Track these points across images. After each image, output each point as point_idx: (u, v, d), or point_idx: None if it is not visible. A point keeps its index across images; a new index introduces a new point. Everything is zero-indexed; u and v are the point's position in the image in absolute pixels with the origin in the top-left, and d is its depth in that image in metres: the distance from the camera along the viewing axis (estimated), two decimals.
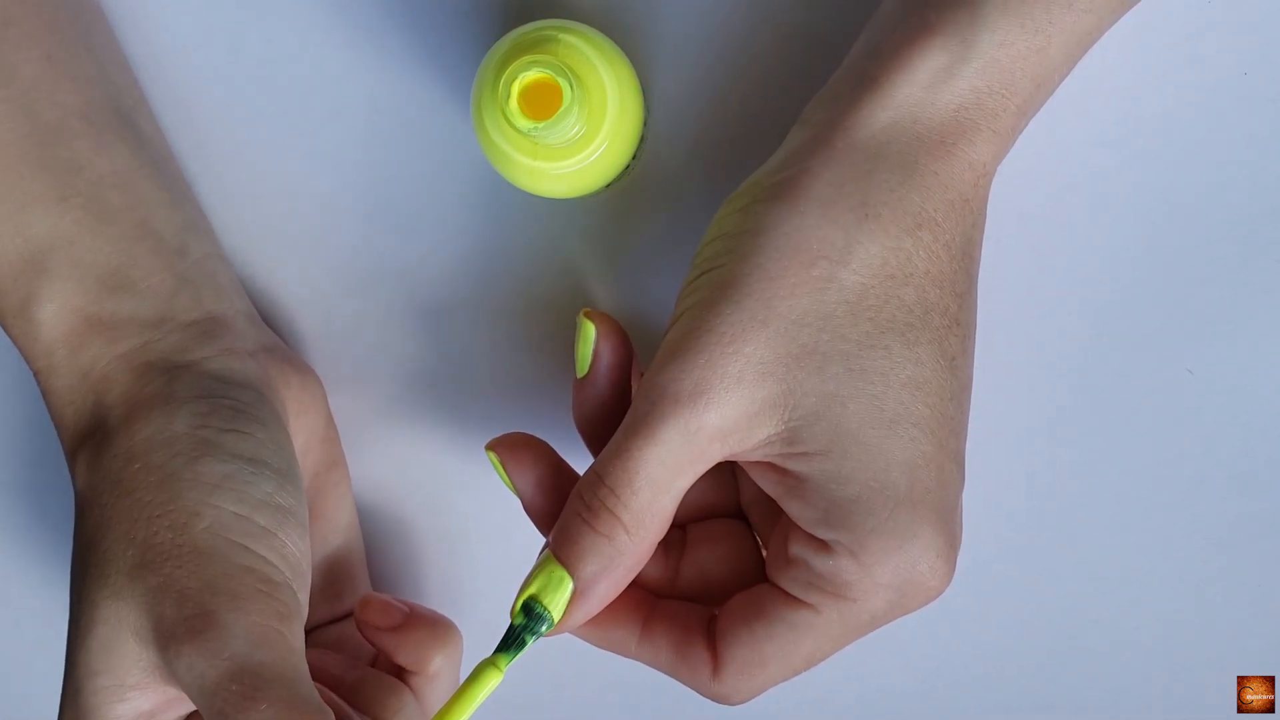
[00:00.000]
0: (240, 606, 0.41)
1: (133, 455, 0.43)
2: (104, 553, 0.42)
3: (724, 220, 0.43)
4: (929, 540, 0.41)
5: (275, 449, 0.44)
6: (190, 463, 0.43)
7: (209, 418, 0.44)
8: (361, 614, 0.48)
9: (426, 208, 0.51)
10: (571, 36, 0.44)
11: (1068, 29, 0.41)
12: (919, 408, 0.41)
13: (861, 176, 0.41)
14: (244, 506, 0.42)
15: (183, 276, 0.47)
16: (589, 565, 0.41)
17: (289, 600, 0.42)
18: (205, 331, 0.46)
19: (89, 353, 0.45)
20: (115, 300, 0.45)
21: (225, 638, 0.40)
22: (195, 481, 0.42)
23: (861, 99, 0.41)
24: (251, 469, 0.43)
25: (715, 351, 0.40)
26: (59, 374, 0.45)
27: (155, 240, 0.46)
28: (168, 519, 0.42)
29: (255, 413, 0.45)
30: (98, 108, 0.46)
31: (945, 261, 0.41)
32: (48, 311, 0.45)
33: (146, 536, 0.42)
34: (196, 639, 0.40)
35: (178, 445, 0.43)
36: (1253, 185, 0.49)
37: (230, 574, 0.41)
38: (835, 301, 0.40)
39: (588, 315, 0.45)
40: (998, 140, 0.41)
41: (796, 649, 0.42)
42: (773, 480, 0.42)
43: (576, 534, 0.42)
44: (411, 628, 0.47)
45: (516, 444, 0.45)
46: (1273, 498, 0.51)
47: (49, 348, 0.45)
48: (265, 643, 0.40)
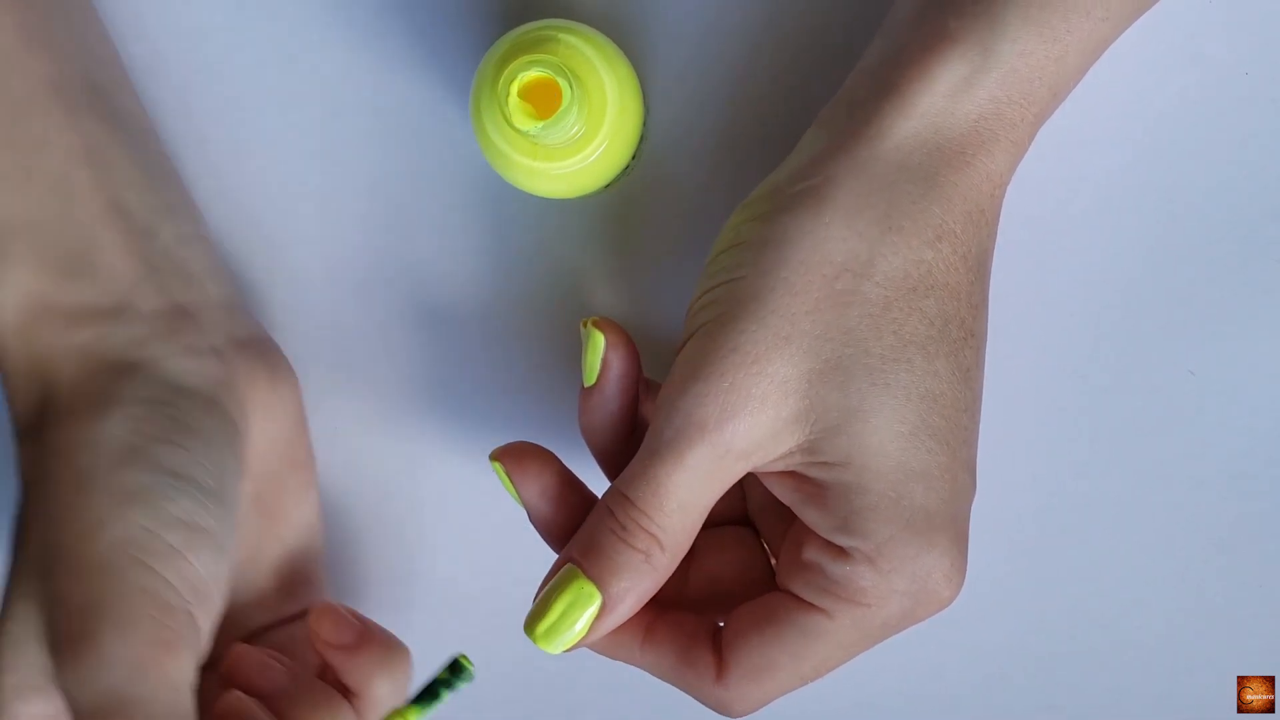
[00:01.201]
0: (123, 631, 0.39)
1: (60, 452, 0.42)
2: (25, 549, 0.42)
3: (740, 228, 0.42)
4: (944, 549, 0.41)
5: (207, 466, 0.43)
6: (111, 469, 0.41)
7: (143, 423, 0.43)
8: (314, 624, 0.46)
9: (426, 208, 0.51)
10: (571, 36, 0.44)
11: (1085, 37, 0.41)
12: (936, 419, 0.41)
13: (885, 188, 0.41)
14: (155, 522, 0.41)
15: (149, 262, 0.45)
16: (622, 582, 0.41)
17: (182, 628, 0.40)
18: (166, 325, 0.45)
19: (42, 342, 0.44)
20: (74, 287, 0.44)
21: (102, 663, 0.39)
22: (110, 489, 0.41)
23: (883, 107, 0.41)
24: (173, 483, 0.42)
25: (740, 373, 0.40)
26: (11, 359, 0.44)
27: (124, 222, 0.45)
28: (77, 525, 0.41)
29: (196, 424, 0.44)
30: (73, 81, 0.45)
31: (963, 273, 0.41)
32: (5, 295, 0.44)
33: (55, 540, 0.41)
34: (75, 659, 0.39)
35: (103, 449, 0.42)
36: (1253, 185, 0.49)
37: (123, 594, 0.40)
38: (859, 315, 0.40)
39: (596, 324, 0.44)
40: (1015, 150, 0.42)
41: (806, 654, 0.42)
42: (790, 488, 0.42)
43: (611, 550, 0.41)
44: (361, 649, 0.46)
45: (523, 454, 0.44)
46: (1273, 498, 0.51)
47: (2, 332, 0.44)
48: (144, 673, 0.39)
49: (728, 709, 0.43)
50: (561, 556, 0.43)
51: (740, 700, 0.43)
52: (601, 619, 0.42)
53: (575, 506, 0.44)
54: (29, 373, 0.44)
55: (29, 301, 0.44)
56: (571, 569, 0.42)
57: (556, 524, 0.44)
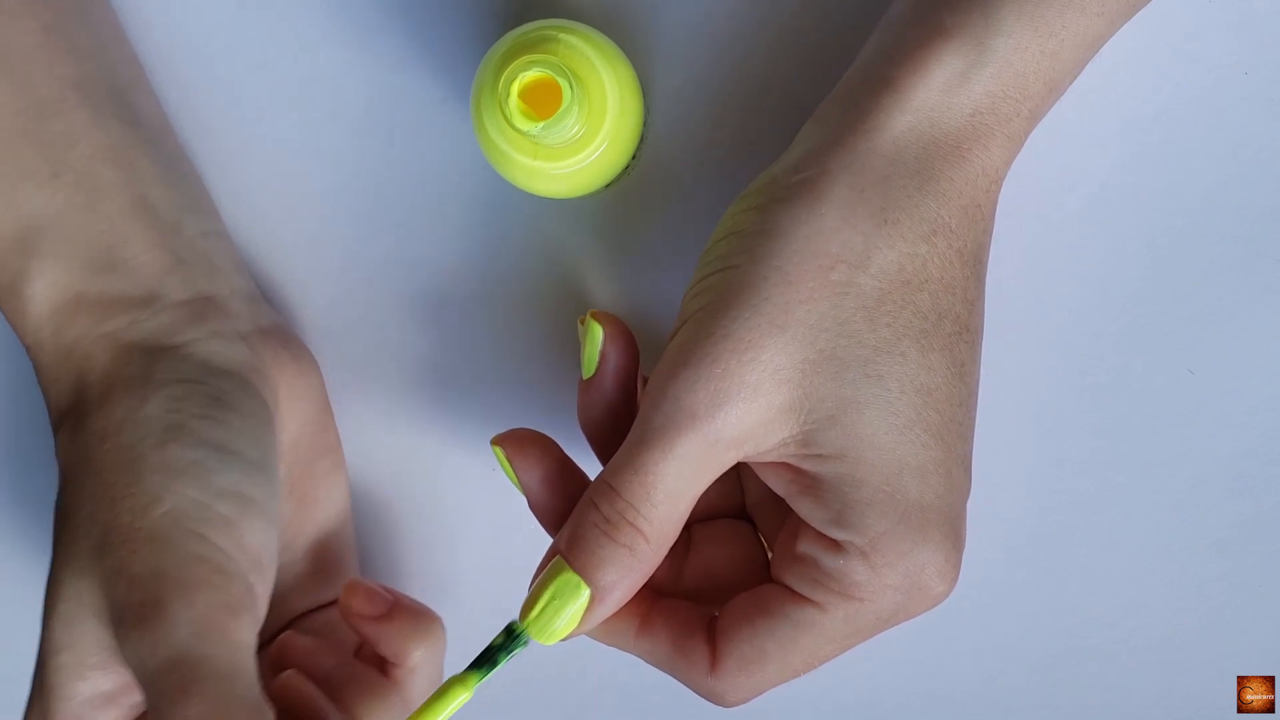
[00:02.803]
0: (188, 596, 0.40)
1: (104, 434, 0.43)
2: (73, 530, 0.42)
3: (737, 217, 0.42)
4: (938, 545, 0.41)
5: (249, 439, 0.44)
6: (158, 446, 0.42)
7: (184, 402, 0.43)
8: (346, 599, 0.47)
9: (426, 207, 0.51)
10: (571, 36, 0.44)
11: (1079, 32, 0.41)
12: (930, 414, 0.41)
13: (880, 182, 0.41)
14: (206, 494, 0.42)
15: (176, 255, 0.46)
16: (608, 574, 0.41)
17: (240, 593, 0.41)
18: (195, 313, 0.46)
19: (74, 330, 0.45)
20: (104, 279, 0.45)
21: (169, 627, 0.39)
22: (160, 465, 0.42)
23: (879, 101, 0.41)
24: (219, 456, 0.43)
25: (731, 360, 0.40)
26: (45, 350, 0.45)
27: (149, 216, 0.46)
28: (129, 501, 0.42)
29: (233, 401, 0.44)
30: (95, 81, 0.46)
31: (958, 268, 0.41)
32: (36, 289, 0.45)
33: (109, 518, 0.42)
34: (141, 625, 0.40)
35: (148, 427, 0.43)
36: (1253, 185, 0.49)
37: (182, 562, 0.41)
38: (853, 307, 0.40)
39: (595, 317, 0.44)
40: (1010, 145, 0.42)
41: (797, 646, 0.42)
42: (785, 480, 0.42)
43: (594, 544, 0.41)
44: (395, 618, 0.47)
45: (523, 440, 0.44)
46: (1273, 498, 0.51)
47: (37, 324, 0.45)
48: (209, 635, 0.40)
49: (720, 699, 0.43)
50: (551, 548, 0.43)
51: (732, 691, 0.43)
52: (591, 611, 0.42)
53: (574, 493, 0.44)
54: (63, 363, 0.45)
55: (60, 294, 0.45)
56: (559, 562, 0.42)
57: (555, 510, 0.44)
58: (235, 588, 0.41)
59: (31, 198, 0.44)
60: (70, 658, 0.41)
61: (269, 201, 0.51)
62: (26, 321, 0.45)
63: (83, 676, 0.41)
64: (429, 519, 0.53)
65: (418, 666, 0.47)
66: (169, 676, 0.39)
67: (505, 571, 0.52)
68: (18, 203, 0.44)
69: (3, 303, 0.45)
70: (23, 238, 0.44)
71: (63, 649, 0.41)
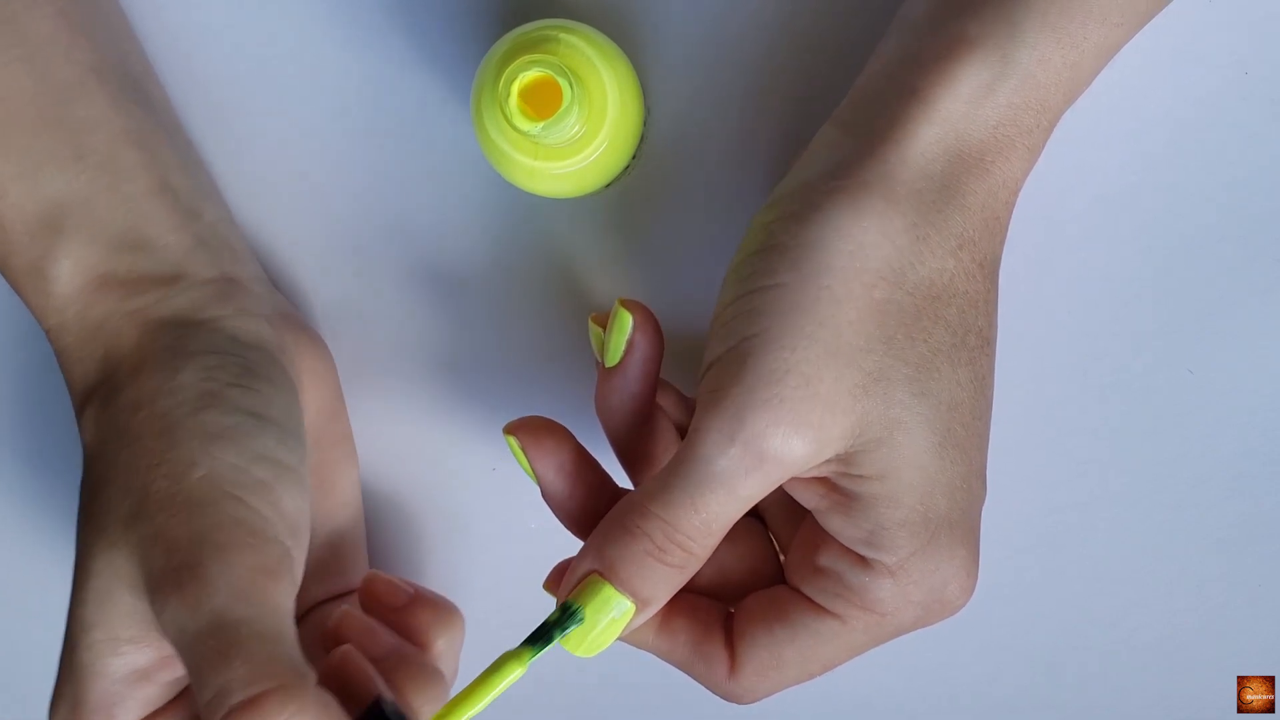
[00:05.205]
0: (226, 559, 0.39)
1: (138, 404, 0.43)
2: (104, 503, 0.42)
3: (773, 227, 0.41)
4: (961, 561, 0.41)
5: (281, 406, 0.44)
6: (193, 412, 0.42)
7: (217, 371, 0.43)
8: (368, 589, 0.47)
9: (426, 208, 0.51)
10: (571, 36, 0.44)
11: (1099, 43, 0.41)
12: (957, 428, 0.41)
13: (912, 195, 0.41)
14: (242, 458, 0.42)
15: (198, 237, 0.46)
16: (659, 591, 0.41)
17: (279, 556, 0.41)
18: (221, 291, 0.46)
19: (101, 308, 0.44)
20: (131, 258, 0.45)
21: (208, 590, 0.39)
22: (196, 431, 0.42)
23: (906, 112, 0.41)
24: (254, 422, 0.43)
25: (798, 400, 0.39)
26: (69, 331, 0.45)
27: (171, 199, 0.46)
28: (165, 467, 0.41)
29: (264, 371, 0.44)
30: (111, 67, 0.46)
31: (979, 281, 0.41)
32: (62, 269, 0.44)
33: (144, 485, 0.41)
34: (180, 590, 0.39)
35: (182, 395, 0.42)
36: (1253, 185, 0.49)
37: (220, 525, 0.40)
38: (895, 325, 0.40)
39: (624, 305, 0.44)
40: (1029, 157, 0.42)
41: (816, 655, 0.42)
42: (817, 495, 0.42)
43: (650, 572, 0.41)
44: (416, 608, 0.47)
45: (538, 428, 0.44)
46: (1273, 498, 0.51)
47: (61, 305, 0.45)
48: (248, 598, 0.39)
49: (735, 700, 0.43)
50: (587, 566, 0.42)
51: (748, 693, 0.43)
52: (635, 619, 0.42)
53: (589, 484, 0.44)
54: (89, 342, 0.44)
55: (87, 273, 0.44)
56: (596, 578, 0.41)
57: (570, 500, 0.44)
58: (273, 550, 0.40)
59: (55, 180, 0.44)
60: (103, 634, 0.40)
61: (269, 201, 0.51)
62: (50, 302, 0.45)
63: (117, 652, 0.40)
64: (432, 515, 0.53)
65: (440, 655, 0.47)
66: (209, 641, 0.38)
67: (512, 565, 0.52)
68: (42, 185, 0.44)
69: (27, 285, 0.45)
70: (48, 219, 0.44)
71: (95, 625, 0.41)
